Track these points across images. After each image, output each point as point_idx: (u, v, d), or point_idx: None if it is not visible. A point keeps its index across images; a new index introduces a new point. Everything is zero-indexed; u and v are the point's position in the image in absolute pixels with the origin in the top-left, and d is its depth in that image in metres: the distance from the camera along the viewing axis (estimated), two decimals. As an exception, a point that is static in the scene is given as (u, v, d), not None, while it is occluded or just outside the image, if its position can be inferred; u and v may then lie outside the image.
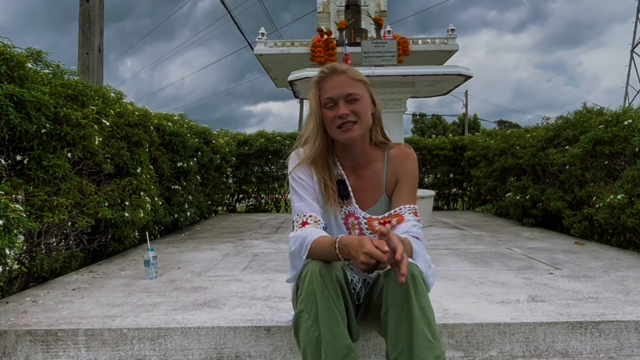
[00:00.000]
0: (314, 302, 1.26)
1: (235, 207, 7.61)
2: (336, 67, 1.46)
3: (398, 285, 1.27)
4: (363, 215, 1.50)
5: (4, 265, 1.90)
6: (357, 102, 1.42)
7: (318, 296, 1.26)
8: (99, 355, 1.73)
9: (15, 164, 2.38)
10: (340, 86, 1.42)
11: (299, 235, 1.39)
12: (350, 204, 1.51)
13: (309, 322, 1.26)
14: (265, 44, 6.55)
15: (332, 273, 1.30)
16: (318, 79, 1.46)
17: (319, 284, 1.27)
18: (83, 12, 6.18)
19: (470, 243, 3.65)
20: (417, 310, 1.23)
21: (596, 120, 3.85)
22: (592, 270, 2.59)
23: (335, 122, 1.42)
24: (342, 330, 1.25)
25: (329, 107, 1.43)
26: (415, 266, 1.32)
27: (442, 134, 27.06)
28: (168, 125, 4.15)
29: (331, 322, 1.24)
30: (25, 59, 2.31)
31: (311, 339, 1.25)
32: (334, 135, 1.46)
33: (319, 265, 1.31)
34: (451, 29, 6.65)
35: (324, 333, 1.23)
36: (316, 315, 1.25)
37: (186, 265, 2.88)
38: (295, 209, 1.49)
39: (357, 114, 1.42)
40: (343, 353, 1.22)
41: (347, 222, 1.52)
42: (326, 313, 1.24)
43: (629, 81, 33.56)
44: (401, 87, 4.56)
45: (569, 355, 1.75)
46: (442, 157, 7.33)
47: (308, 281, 1.29)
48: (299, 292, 1.33)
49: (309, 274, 1.30)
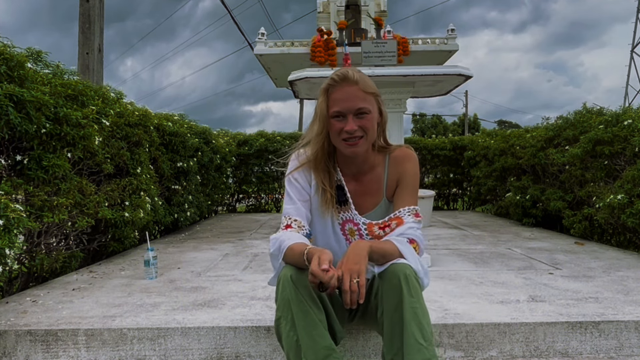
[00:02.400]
0: (289, 308, 1.26)
1: (235, 207, 7.61)
2: (348, 75, 1.40)
3: (392, 287, 1.28)
4: (362, 221, 1.49)
5: (4, 265, 1.90)
6: (366, 116, 1.39)
7: (292, 302, 1.26)
8: (99, 355, 1.73)
9: (15, 164, 2.38)
10: (350, 99, 1.37)
11: (278, 238, 1.39)
12: (348, 210, 1.50)
13: (287, 328, 1.27)
14: (265, 44, 6.54)
15: (304, 277, 1.28)
16: (328, 86, 1.42)
17: (291, 290, 1.27)
18: (83, 12, 6.18)
19: (470, 243, 3.65)
20: (409, 312, 1.24)
21: (596, 120, 3.85)
22: (592, 270, 2.59)
23: (342, 135, 1.39)
24: (320, 333, 1.25)
25: (337, 119, 1.40)
26: (408, 266, 1.32)
27: (442, 134, 27.05)
28: (168, 125, 4.15)
29: (308, 326, 1.24)
30: (25, 59, 2.31)
31: (291, 343, 1.25)
32: (338, 146, 1.44)
33: (290, 271, 1.31)
34: (451, 29, 6.64)
35: (302, 337, 1.24)
36: (293, 320, 1.26)
37: (186, 265, 2.88)
38: (284, 210, 1.50)
39: (365, 129, 1.39)
40: (323, 355, 1.23)
41: (344, 228, 1.52)
42: (302, 317, 1.25)
43: (629, 81, 33.56)
44: (401, 87, 4.55)
45: (569, 355, 1.75)
46: (442, 157, 7.33)
47: (282, 287, 1.30)
48: (275, 297, 1.34)
49: (282, 280, 1.31)
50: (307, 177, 1.51)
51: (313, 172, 1.50)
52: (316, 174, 1.49)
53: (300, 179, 1.50)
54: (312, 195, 1.51)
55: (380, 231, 1.46)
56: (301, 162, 1.51)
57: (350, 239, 1.52)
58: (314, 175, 1.50)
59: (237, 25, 13.82)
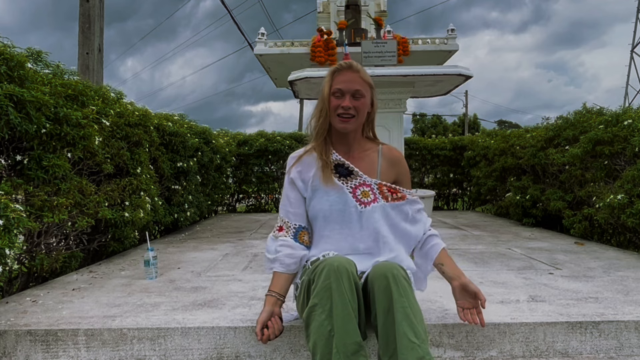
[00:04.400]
0: (329, 297, 1.28)
1: (235, 207, 7.61)
2: (353, 65, 1.62)
3: (382, 289, 1.32)
4: (375, 181, 1.63)
5: (4, 265, 1.90)
6: (361, 99, 1.59)
7: (334, 291, 1.28)
8: (99, 355, 1.73)
9: (15, 164, 2.38)
10: (351, 82, 1.58)
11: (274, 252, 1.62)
12: (355, 178, 1.62)
13: (322, 317, 1.27)
14: (265, 44, 6.54)
15: (348, 269, 1.33)
16: (334, 69, 1.62)
17: (335, 279, 1.29)
18: (83, 12, 6.18)
19: (470, 243, 3.65)
20: (399, 312, 1.26)
21: (596, 120, 3.85)
22: (592, 270, 2.59)
23: (338, 110, 1.58)
24: (354, 327, 1.26)
25: (336, 97, 1.59)
26: (396, 266, 1.36)
27: (442, 134, 27.03)
28: (168, 125, 4.15)
29: (345, 318, 1.26)
30: (25, 59, 2.31)
31: (323, 333, 1.26)
32: (332, 121, 1.62)
33: (337, 261, 1.34)
34: (451, 29, 6.64)
35: (337, 328, 1.24)
36: (330, 310, 1.27)
37: (186, 265, 2.88)
38: (280, 209, 1.70)
39: (357, 110, 1.59)
40: (353, 349, 1.23)
41: (355, 194, 1.60)
42: (341, 308, 1.26)
43: (629, 81, 33.57)
44: (401, 87, 4.56)
45: (569, 355, 1.75)
46: (442, 157, 7.33)
47: (325, 276, 1.31)
48: (314, 286, 1.35)
49: (326, 268, 1.32)
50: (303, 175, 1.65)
51: (315, 148, 1.65)
52: (317, 148, 1.65)
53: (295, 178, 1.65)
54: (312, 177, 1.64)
55: (389, 194, 1.62)
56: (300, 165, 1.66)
57: (364, 200, 1.60)
58: (316, 149, 1.65)
59: (237, 25, 13.83)
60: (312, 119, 1.67)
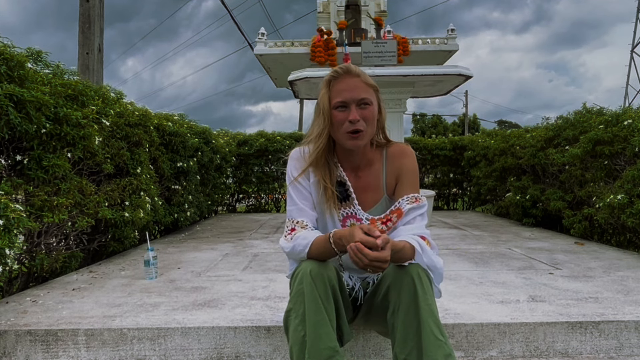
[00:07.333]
0: (302, 302, 1.26)
1: (235, 207, 7.61)
2: (350, 68, 1.41)
3: (405, 286, 1.28)
4: (366, 216, 1.47)
5: (4, 265, 1.90)
6: (368, 107, 1.39)
7: (306, 296, 1.25)
8: (99, 355, 1.73)
9: (15, 164, 2.38)
10: (353, 89, 1.38)
11: (297, 238, 1.39)
12: (350, 206, 1.48)
13: (296, 321, 1.26)
14: (265, 44, 6.55)
15: (323, 273, 1.29)
16: (330, 78, 1.42)
17: (308, 284, 1.26)
18: (83, 12, 6.18)
19: (470, 243, 3.65)
20: (425, 310, 1.23)
21: (596, 120, 3.85)
22: (592, 270, 2.59)
23: (345, 126, 1.38)
24: (327, 332, 1.23)
25: (339, 110, 1.39)
26: (419, 265, 1.32)
27: (442, 134, 27.05)
28: (168, 125, 4.15)
29: (317, 323, 1.23)
30: (25, 59, 2.31)
31: (298, 338, 1.24)
32: (340, 139, 1.42)
33: (310, 265, 1.30)
34: (451, 29, 6.65)
35: (309, 333, 1.23)
36: (303, 315, 1.25)
37: (186, 265, 2.88)
38: (287, 212, 1.51)
39: (367, 121, 1.39)
40: (326, 355, 1.21)
41: (344, 224, 1.49)
42: (313, 314, 1.24)
43: (629, 81, 33.57)
44: (401, 87, 4.56)
45: (569, 355, 1.75)
46: (442, 157, 7.33)
47: (299, 280, 1.29)
48: (290, 290, 1.34)
49: (301, 273, 1.30)
50: (306, 174, 1.50)
51: (313, 169, 1.47)
52: (317, 170, 1.47)
53: (300, 179, 1.49)
54: (312, 192, 1.49)
55: (383, 226, 1.45)
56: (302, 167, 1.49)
57: None
58: (314, 171, 1.47)
59: (237, 26, 13.83)
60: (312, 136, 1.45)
